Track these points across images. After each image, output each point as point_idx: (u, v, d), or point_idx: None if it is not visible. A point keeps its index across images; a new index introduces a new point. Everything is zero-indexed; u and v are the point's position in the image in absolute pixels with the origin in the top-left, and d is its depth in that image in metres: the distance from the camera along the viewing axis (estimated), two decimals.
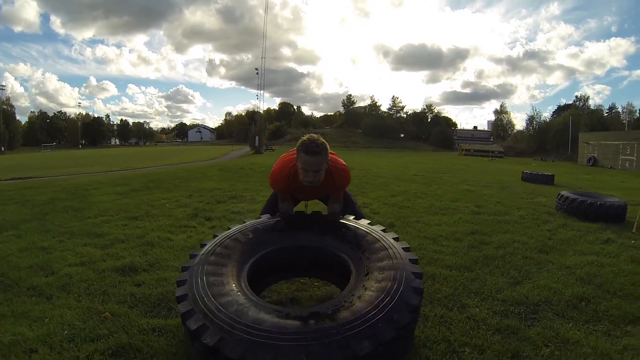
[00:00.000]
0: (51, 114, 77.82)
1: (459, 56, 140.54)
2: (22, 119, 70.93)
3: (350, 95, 77.21)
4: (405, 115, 66.23)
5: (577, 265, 2.99)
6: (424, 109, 67.25)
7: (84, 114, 79.89)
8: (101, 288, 2.45)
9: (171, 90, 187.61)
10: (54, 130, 73.78)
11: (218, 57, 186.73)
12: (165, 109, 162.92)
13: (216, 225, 4.11)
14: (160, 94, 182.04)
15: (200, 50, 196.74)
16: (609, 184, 11.77)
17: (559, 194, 5.42)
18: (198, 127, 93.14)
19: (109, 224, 4.09)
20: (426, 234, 3.87)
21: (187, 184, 7.45)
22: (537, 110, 54.34)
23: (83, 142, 73.53)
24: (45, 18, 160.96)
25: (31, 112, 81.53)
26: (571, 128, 37.99)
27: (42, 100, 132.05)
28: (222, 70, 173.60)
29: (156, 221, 4.24)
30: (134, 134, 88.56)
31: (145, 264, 2.86)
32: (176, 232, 3.80)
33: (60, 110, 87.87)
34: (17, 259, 3.02)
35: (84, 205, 5.20)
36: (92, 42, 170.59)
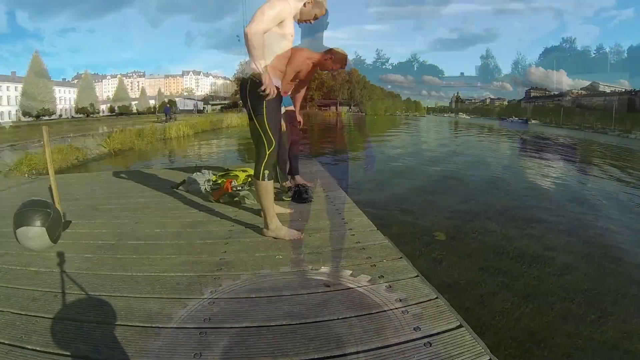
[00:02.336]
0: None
1: (442, 1, 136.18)
2: None
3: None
4: (390, 68, 65.97)
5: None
6: (410, 59, 66.97)
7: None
8: None
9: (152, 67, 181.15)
10: None
11: (196, 27, 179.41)
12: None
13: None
14: (140, 72, 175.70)
15: (178, 23, 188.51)
16: None
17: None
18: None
19: None
20: None
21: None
22: (522, 55, 54.36)
23: None
24: (10, 15, 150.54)
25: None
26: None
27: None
28: (202, 40, 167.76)
29: None
30: None
31: None
32: None
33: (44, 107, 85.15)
34: None
35: None
36: (64, 32, 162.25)
